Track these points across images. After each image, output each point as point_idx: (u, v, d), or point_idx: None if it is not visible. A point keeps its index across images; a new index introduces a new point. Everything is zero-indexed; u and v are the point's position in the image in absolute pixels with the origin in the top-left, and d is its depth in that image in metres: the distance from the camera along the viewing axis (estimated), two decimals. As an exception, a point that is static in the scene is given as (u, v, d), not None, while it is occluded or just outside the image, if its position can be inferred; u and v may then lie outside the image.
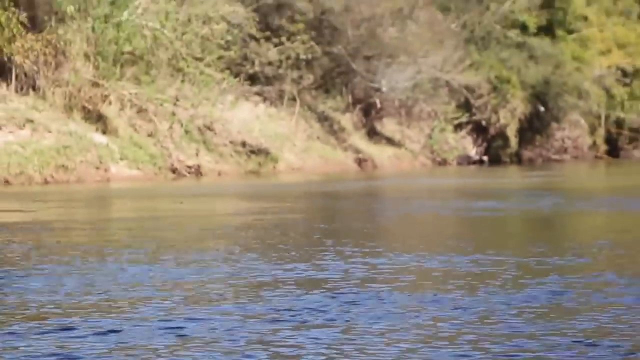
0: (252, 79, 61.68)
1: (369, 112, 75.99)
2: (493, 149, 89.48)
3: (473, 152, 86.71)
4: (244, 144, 57.29)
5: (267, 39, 61.63)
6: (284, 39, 63.46)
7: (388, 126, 78.00)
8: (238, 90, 60.27)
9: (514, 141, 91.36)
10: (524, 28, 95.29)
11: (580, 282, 13.60)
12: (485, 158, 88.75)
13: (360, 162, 67.34)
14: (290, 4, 66.15)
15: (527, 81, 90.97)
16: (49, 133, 46.87)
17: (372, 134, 75.43)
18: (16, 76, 49.01)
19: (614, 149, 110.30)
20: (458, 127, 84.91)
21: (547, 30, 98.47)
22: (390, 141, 76.48)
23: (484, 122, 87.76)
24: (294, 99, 65.78)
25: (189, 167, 51.80)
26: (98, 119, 50.73)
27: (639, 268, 16.76)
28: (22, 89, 49.05)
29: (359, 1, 70.21)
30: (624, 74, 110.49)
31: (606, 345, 8.34)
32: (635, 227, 25.03)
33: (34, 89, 49.75)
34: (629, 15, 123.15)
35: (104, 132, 50.07)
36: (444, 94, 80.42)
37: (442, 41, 79.23)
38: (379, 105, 76.06)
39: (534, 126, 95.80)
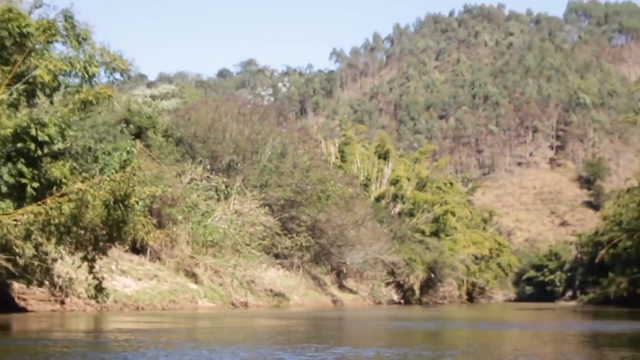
0: (276, 256, 61.30)
1: (339, 275, 76.32)
2: (406, 296, 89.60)
3: (395, 297, 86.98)
4: (270, 290, 56.89)
5: (285, 234, 61.13)
6: (294, 234, 63.06)
7: (350, 283, 78.29)
8: (268, 262, 60.04)
9: (417, 292, 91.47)
10: (423, 232, 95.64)
11: None
12: (402, 301, 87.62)
13: (334, 302, 66.85)
14: (297, 217, 66.13)
15: (424, 261, 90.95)
16: (165, 282, 46.36)
17: (341, 286, 75.68)
18: (150, 252, 48.49)
19: (470, 298, 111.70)
20: (387, 284, 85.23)
21: (435, 234, 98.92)
22: (351, 291, 76.60)
23: (401, 282, 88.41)
24: (299, 267, 65.55)
25: (241, 302, 51.28)
26: (192, 275, 50.27)
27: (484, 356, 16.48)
28: (152, 259, 48.47)
29: (335, 216, 69.98)
30: (476, 258, 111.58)
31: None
32: (480, 336, 24.53)
33: (159, 259, 49.22)
34: (478, 227, 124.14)
35: (195, 283, 49.60)
36: (380, 266, 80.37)
37: (379, 238, 79.46)
38: (345, 272, 76.05)
39: (428, 284, 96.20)
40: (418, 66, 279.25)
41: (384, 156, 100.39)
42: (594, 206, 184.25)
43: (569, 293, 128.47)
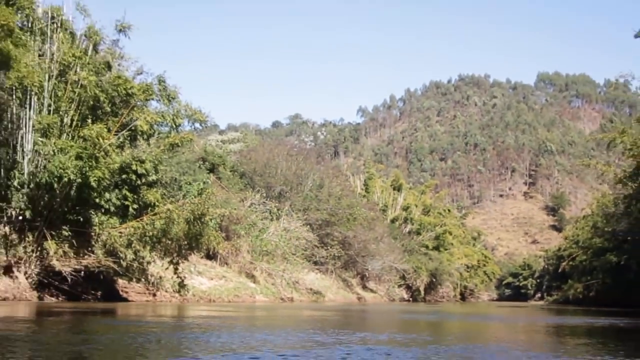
0: (315, 263, 61.35)
1: (362, 278, 75.68)
2: (414, 295, 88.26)
3: (405, 296, 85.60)
4: (310, 289, 56.85)
5: (321, 247, 61.24)
6: (328, 247, 63.15)
7: (371, 284, 77.58)
8: (309, 267, 60.09)
9: (422, 292, 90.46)
10: (427, 247, 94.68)
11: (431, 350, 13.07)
12: (410, 299, 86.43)
13: (359, 298, 66.48)
14: (331, 234, 66.09)
15: (428, 268, 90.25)
16: (231, 281, 46.55)
17: (364, 287, 75.10)
18: (219, 258, 48.63)
19: (463, 297, 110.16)
20: (399, 285, 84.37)
21: (436, 248, 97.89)
22: (371, 290, 75.95)
23: (410, 284, 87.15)
24: (332, 272, 65.52)
25: (288, 297, 51.25)
26: (251, 277, 50.43)
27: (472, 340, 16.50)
28: (221, 263, 48.68)
29: (360, 233, 69.96)
30: (467, 267, 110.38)
31: None
32: (469, 326, 24.35)
33: (226, 264, 49.41)
34: (469, 244, 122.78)
35: (253, 282, 49.73)
36: (394, 272, 79.88)
37: (393, 251, 78.96)
38: (367, 276, 75.68)
39: (430, 286, 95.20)
40: (424, 120, 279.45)
41: (397, 188, 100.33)
42: (558, 229, 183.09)
43: (538, 295, 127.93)
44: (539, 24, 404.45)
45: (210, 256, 46.93)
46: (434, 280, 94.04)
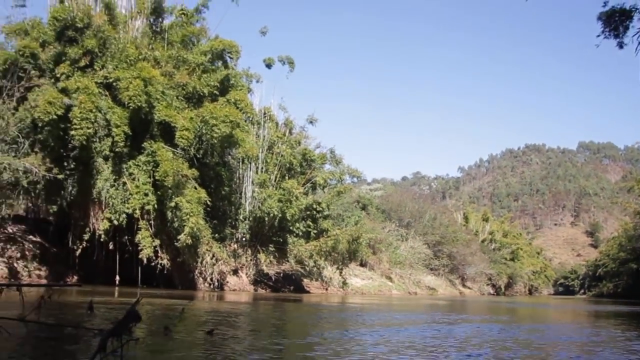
0: (431, 269, 59.99)
1: (462, 279, 71.42)
2: (497, 291, 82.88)
3: (491, 291, 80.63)
4: (428, 286, 55.18)
5: (435, 258, 59.84)
6: (439, 258, 61.77)
7: (468, 283, 73.40)
8: (426, 272, 58.55)
9: (503, 289, 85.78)
10: (505, 259, 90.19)
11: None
12: (494, 293, 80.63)
13: (460, 293, 63.71)
14: (441, 250, 64.50)
15: (506, 273, 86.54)
16: (375, 281, 45.90)
17: (463, 285, 71.07)
18: (368, 265, 47.92)
19: (530, 292, 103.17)
20: (487, 284, 79.99)
21: (512, 259, 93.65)
22: (469, 288, 71.94)
23: (494, 283, 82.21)
24: (442, 275, 63.55)
25: (413, 292, 49.98)
26: (389, 278, 49.43)
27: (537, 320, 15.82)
28: (369, 269, 47.97)
29: (460, 249, 67.99)
30: (533, 272, 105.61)
31: None
32: (535, 310, 23.12)
33: (372, 269, 48.69)
34: (534, 257, 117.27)
35: (390, 281, 48.80)
36: (484, 275, 76.43)
37: (483, 261, 75.65)
38: (465, 277, 72.30)
39: (508, 285, 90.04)
40: (502, 174, 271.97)
41: (485, 220, 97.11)
42: (594, 246, 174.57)
43: (582, 291, 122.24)
44: (578, 101, 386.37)
45: (363, 264, 46.53)
46: (511, 280, 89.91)
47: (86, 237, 23.89)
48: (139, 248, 23.67)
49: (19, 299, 5.84)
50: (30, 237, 24.29)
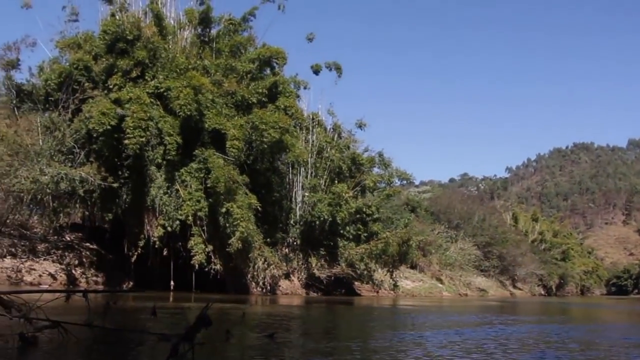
0: (481, 270, 58.97)
1: (513, 280, 69.54)
2: (548, 291, 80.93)
3: (542, 292, 78.90)
4: (478, 288, 54.09)
5: (485, 259, 58.65)
6: (489, 260, 60.48)
7: (519, 284, 71.60)
8: (477, 273, 57.46)
9: (554, 289, 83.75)
10: (556, 259, 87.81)
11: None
12: (545, 294, 78.65)
13: (511, 294, 62.35)
14: (491, 251, 63.18)
15: (557, 273, 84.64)
16: (426, 283, 45.26)
17: (514, 286, 69.41)
18: (418, 267, 47.20)
19: (582, 292, 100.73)
20: (538, 285, 78.10)
21: (563, 260, 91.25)
22: (519, 289, 70.32)
23: (545, 284, 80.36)
24: (492, 276, 62.20)
25: (464, 293, 48.97)
26: (439, 279, 48.60)
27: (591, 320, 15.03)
28: (419, 271, 47.26)
29: (510, 250, 66.39)
30: (584, 272, 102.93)
31: None
32: (587, 310, 22.12)
33: (422, 271, 47.93)
34: (585, 256, 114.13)
35: (441, 283, 47.97)
36: (534, 276, 74.49)
37: (533, 262, 73.56)
38: (516, 278, 70.61)
39: (559, 285, 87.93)
40: (550, 174, 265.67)
41: (535, 220, 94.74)
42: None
43: (635, 290, 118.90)
44: (626, 97, 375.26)
45: (413, 266, 45.78)
46: (562, 281, 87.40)
47: (141, 243, 23.91)
48: (192, 254, 23.54)
49: (85, 305, 5.92)
50: (87, 244, 24.51)
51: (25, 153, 20.70)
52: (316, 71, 32.66)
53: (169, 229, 23.73)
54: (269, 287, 26.41)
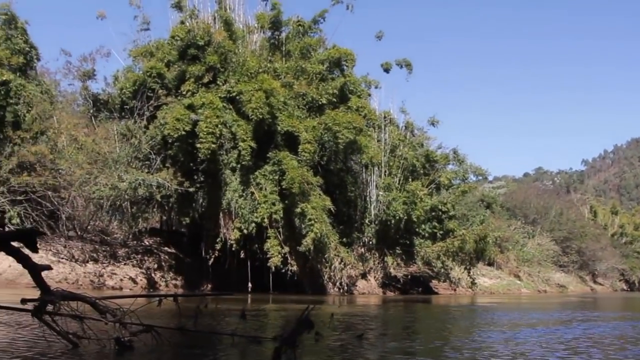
0: (560, 266, 56.43)
1: (593, 275, 65.87)
2: (630, 287, 76.07)
3: (624, 287, 74.55)
4: (557, 284, 51.80)
5: (563, 255, 56.03)
6: (568, 255, 57.84)
7: (599, 280, 68.28)
8: (555, 269, 55.06)
9: (637, 284, 79.11)
10: (638, 252, 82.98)
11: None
12: (627, 289, 74.41)
13: (591, 290, 59.80)
14: (569, 246, 60.38)
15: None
16: (504, 280, 43.48)
17: (594, 282, 66.16)
18: (496, 264, 45.28)
19: None
20: (619, 280, 74.02)
21: None
22: (600, 284, 67.18)
23: (627, 279, 76.09)
24: (571, 272, 59.43)
25: (543, 290, 46.87)
26: (517, 276, 46.69)
27: None
28: (497, 268, 45.43)
29: (590, 244, 63.14)
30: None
31: None
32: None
33: (500, 268, 46.03)
34: None
35: (519, 280, 45.97)
36: (615, 271, 70.57)
37: (614, 256, 69.38)
38: (596, 274, 66.77)
39: (626, 280, 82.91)
40: (629, 165, 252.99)
41: (614, 213, 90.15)
42: None
43: None
44: None
45: (490, 263, 44.13)
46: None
47: (218, 246, 23.65)
48: (268, 256, 23.09)
49: (174, 309, 6.07)
50: (166, 248, 24.60)
51: (104, 161, 20.96)
52: (386, 69, 31.78)
53: (245, 231, 23.43)
54: (346, 287, 25.99)
